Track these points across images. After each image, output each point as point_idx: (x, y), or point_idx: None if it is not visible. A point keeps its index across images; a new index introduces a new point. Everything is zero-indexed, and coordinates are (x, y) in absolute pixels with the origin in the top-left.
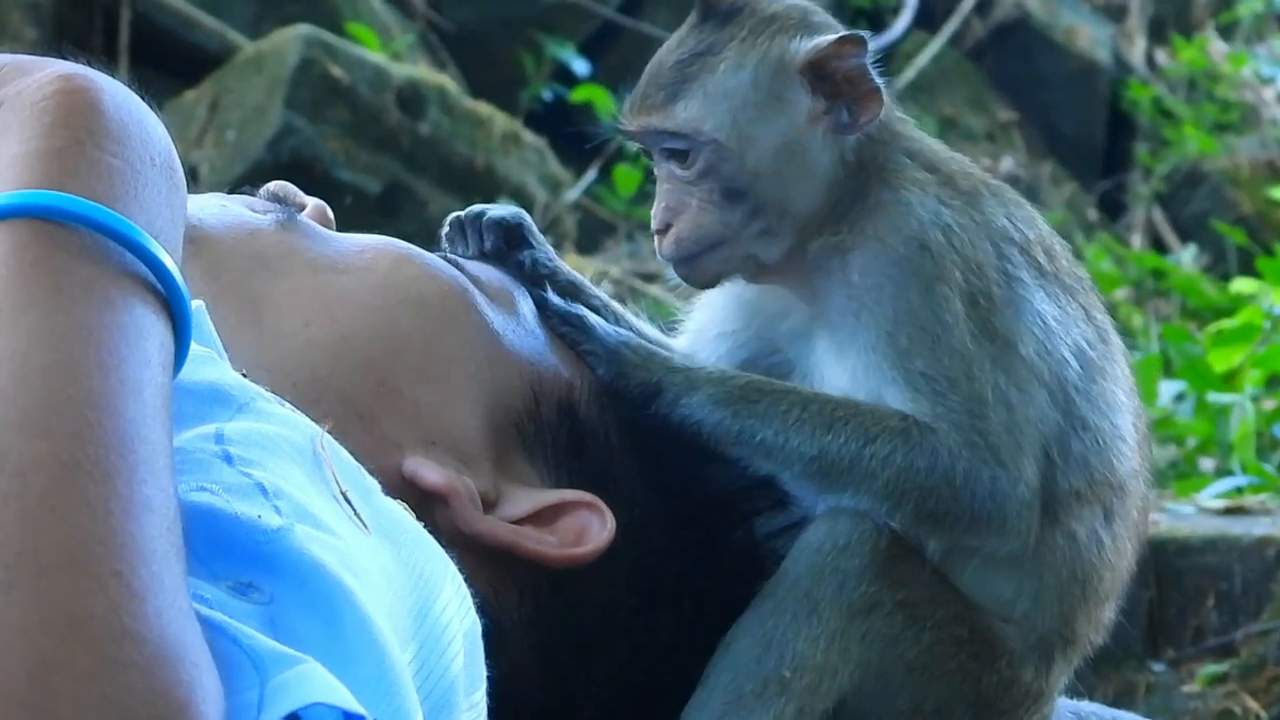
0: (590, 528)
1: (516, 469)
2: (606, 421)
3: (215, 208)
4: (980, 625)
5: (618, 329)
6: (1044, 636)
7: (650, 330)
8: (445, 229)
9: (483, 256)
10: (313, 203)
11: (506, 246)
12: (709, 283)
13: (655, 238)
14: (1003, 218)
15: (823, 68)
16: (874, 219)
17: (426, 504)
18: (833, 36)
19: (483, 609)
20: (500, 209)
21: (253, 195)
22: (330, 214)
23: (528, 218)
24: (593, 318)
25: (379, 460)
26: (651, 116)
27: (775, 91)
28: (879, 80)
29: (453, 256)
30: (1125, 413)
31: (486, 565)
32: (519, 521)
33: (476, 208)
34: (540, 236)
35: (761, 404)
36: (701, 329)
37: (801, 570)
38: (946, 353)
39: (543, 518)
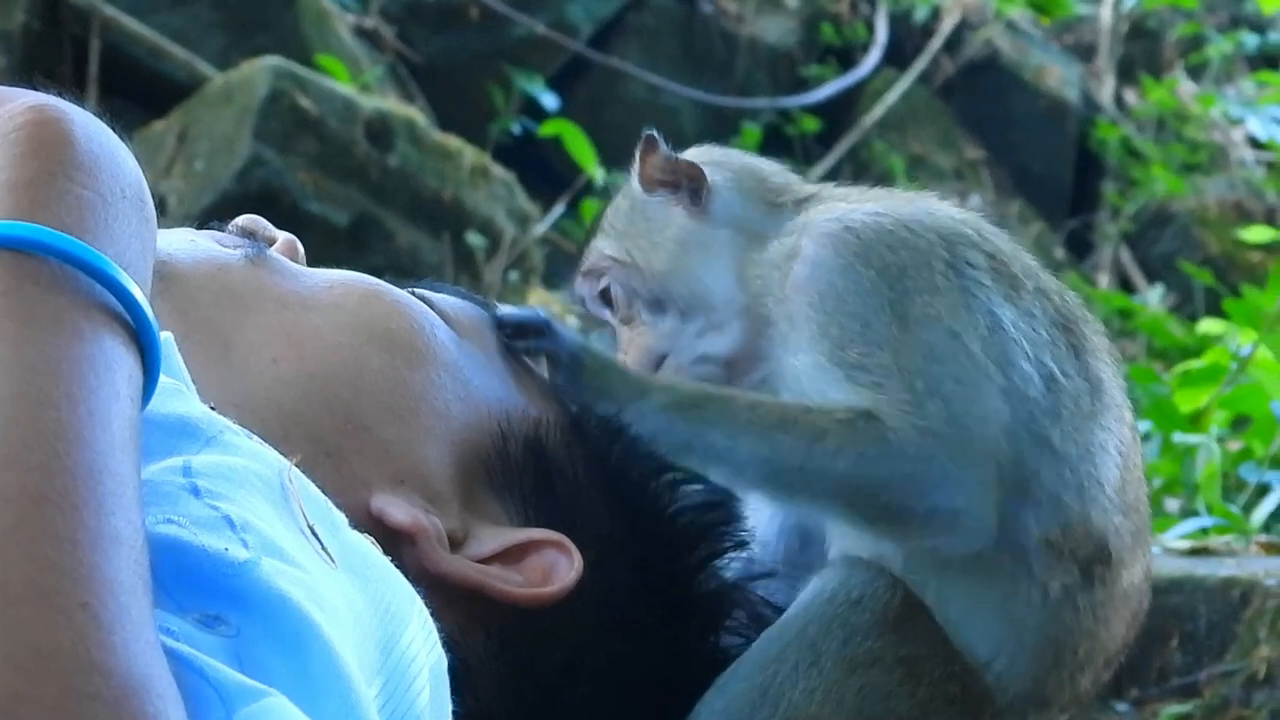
0: (558, 567)
1: (484, 507)
2: (575, 457)
3: (185, 243)
4: (973, 685)
5: (577, 334)
6: (1018, 697)
7: None
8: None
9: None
10: (283, 237)
11: None
12: None
13: None
14: (961, 220)
15: (649, 175)
16: (804, 238)
17: (394, 542)
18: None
19: (450, 647)
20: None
21: (223, 229)
22: (300, 249)
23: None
24: (554, 321)
25: (347, 498)
26: (580, 275)
27: (643, 208)
28: (680, 156)
29: (423, 291)
30: (1110, 463)
31: (453, 604)
32: (486, 560)
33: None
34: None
35: (710, 408)
36: None
37: (810, 619)
38: (877, 341)
39: (510, 556)
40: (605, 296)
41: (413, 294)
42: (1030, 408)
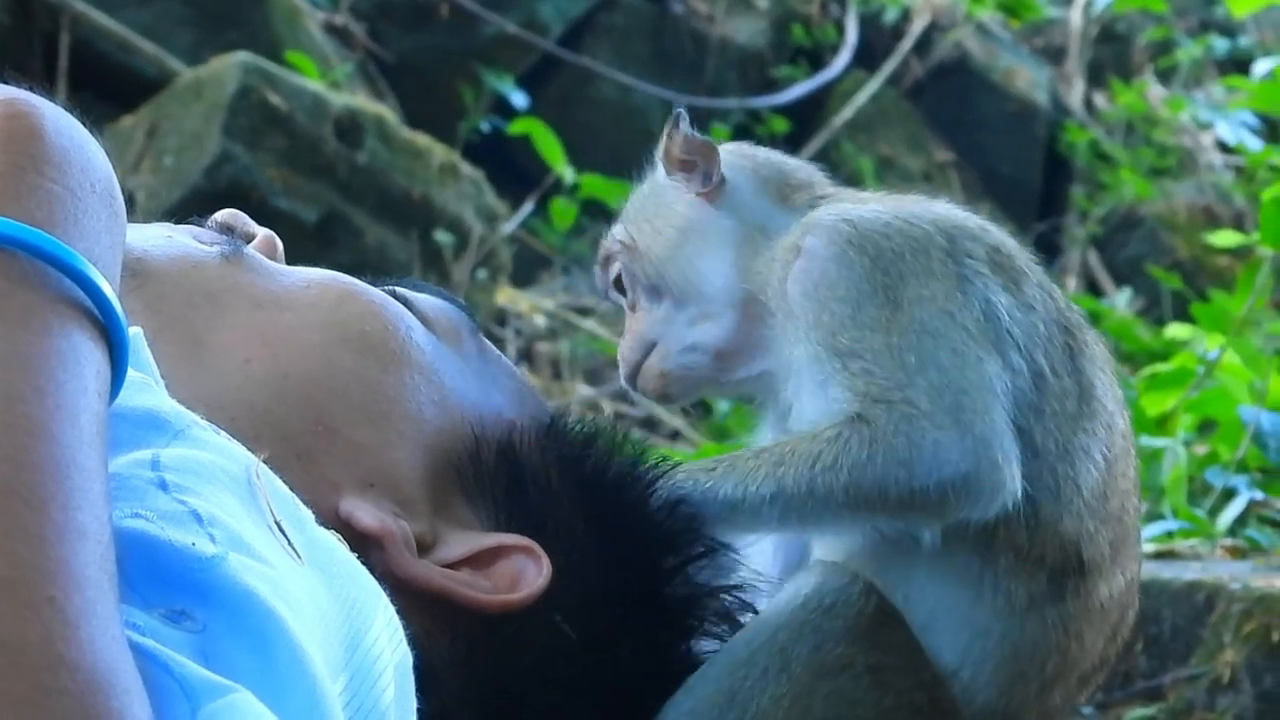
0: (526, 573)
1: (455, 511)
2: (548, 463)
3: (161, 239)
4: (940, 695)
5: None
6: (984, 709)
7: None
8: None
9: None
10: (262, 233)
11: None
12: (662, 389)
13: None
14: (965, 216)
15: (671, 154)
16: (807, 234)
17: (362, 546)
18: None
19: (415, 649)
20: None
21: (202, 224)
22: (279, 246)
23: None
24: None
25: (316, 500)
26: (597, 265)
27: (658, 191)
28: (698, 134)
29: (403, 292)
30: (1092, 469)
31: (420, 608)
32: (454, 565)
33: None
34: None
35: (719, 468)
36: None
37: (782, 623)
38: (868, 324)
39: (479, 561)
40: (618, 284)
41: (393, 294)
42: (1015, 399)
